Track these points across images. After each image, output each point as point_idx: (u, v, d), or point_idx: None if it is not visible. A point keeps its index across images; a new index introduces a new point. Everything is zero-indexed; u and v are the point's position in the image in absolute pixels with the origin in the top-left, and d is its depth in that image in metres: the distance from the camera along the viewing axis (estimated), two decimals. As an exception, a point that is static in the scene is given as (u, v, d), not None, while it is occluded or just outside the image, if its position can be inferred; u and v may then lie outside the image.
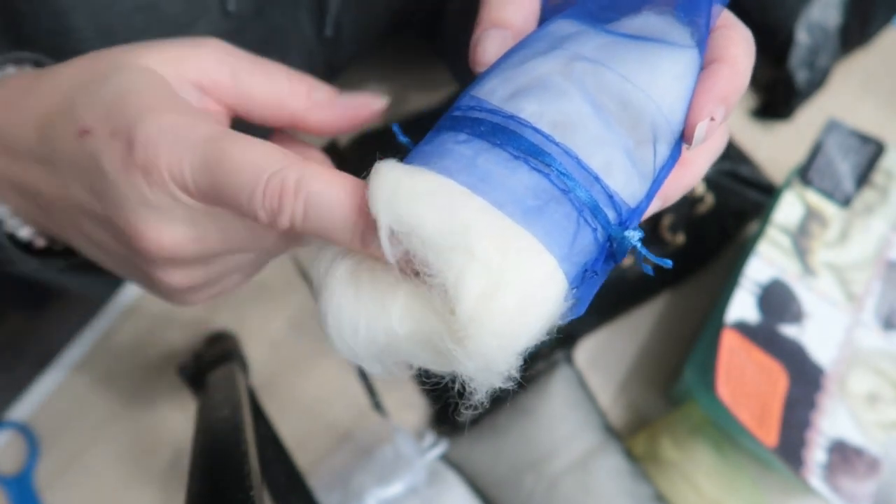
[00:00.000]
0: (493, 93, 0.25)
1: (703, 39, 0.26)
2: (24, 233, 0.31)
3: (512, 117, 0.24)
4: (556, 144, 0.23)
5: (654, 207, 0.27)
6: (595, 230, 0.23)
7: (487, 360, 0.22)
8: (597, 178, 0.24)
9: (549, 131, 0.24)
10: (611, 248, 0.24)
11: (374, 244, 0.22)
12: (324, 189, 0.23)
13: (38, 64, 0.32)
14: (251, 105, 0.30)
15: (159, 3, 0.37)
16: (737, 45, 0.27)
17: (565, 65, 0.25)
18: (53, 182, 0.28)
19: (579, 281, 0.24)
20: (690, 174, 0.28)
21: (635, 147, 0.24)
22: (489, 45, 0.28)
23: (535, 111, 0.24)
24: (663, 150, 0.25)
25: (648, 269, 0.25)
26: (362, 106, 0.31)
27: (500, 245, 0.21)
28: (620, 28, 0.26)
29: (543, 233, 0.22)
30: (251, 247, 0.27)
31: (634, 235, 0.24)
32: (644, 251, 0.24)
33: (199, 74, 0.28)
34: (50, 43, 0.36)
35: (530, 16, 0.29)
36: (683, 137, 0.26)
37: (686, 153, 0.28)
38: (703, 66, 0.26)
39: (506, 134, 0.24)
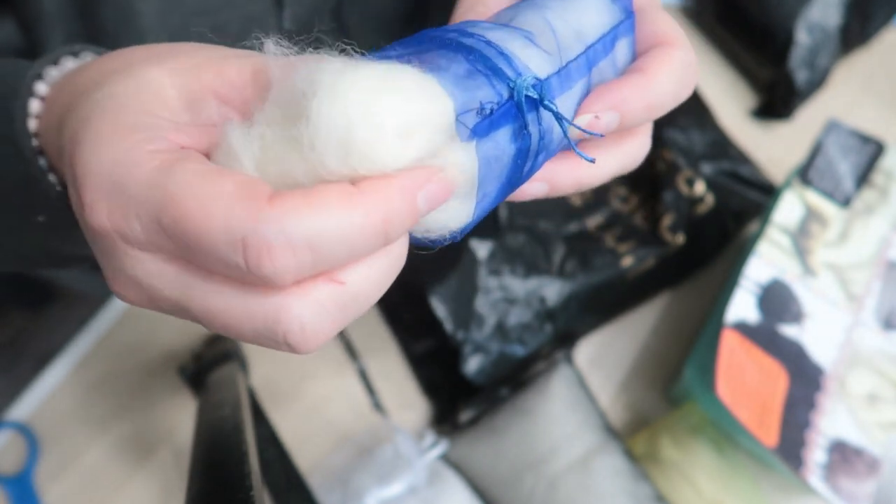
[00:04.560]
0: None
1: None
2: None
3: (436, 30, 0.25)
4: (455, 30, 0.25)
5: (605, 118, 0.26)
6: (487, 76, 0.23)
7: (340, 129, 0.19)
8: (488, 42, 0.24)
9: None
10: (516, 104, 0.23)
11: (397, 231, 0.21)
12: (319, 220, 0.19)
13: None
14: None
15: (227, 23, 0.39)
16: (667, 64, 0.27)
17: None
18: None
19: (480, 125, 0.22)
20: (650, 87, 0.27)
21: (537, 38, 0.26)
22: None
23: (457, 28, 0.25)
24: (573, 47, 0.26)
25: (585, 156, 0.25)
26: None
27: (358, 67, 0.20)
28: None
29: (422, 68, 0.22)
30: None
31: (528, 79, 0.23)
32: (553, 110, 0.24)
33: (213, 80, 0.24)
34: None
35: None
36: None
37: (644, 65, 0.27)
38: (631, 69, 0.28)
39: (427, 40, 0.24)
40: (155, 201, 0.20)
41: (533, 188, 0.27)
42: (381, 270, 0.22)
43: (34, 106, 0.27)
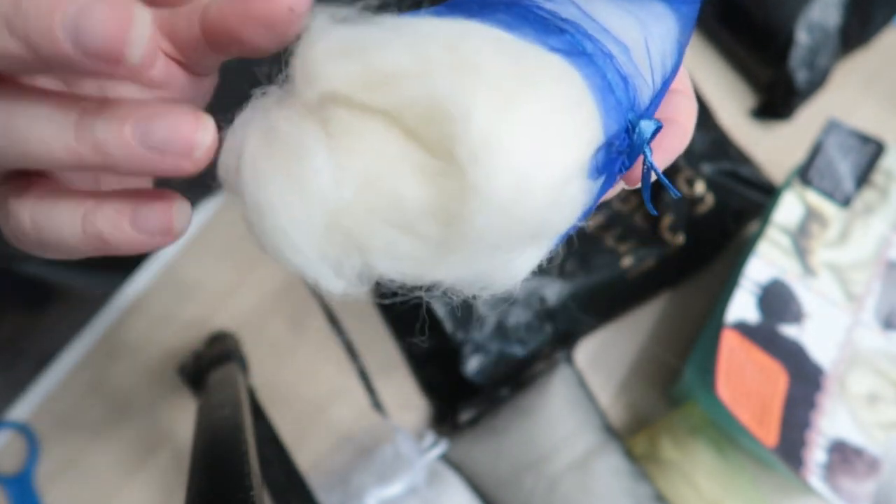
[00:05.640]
0: None
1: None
2: None
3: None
4: (584, 12, 0.20)
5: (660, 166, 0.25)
6: (620, 102, 0.20)
7: (507, 204, 0.16)
8: (619, 54, 0.20)
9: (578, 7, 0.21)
10: (628, 136, 0.20)
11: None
12: None
13: None
14: None
15: None
16: (687, 113, 0.28)
17: None
18: None
19: (604, 156, 0.19)
20: (686, 137, 0.28)
21: (637, 58, 0.22)
22: None
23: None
24: (658, 73, 0.24)
25: (672, 189, 0.22)
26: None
27: (511, 60, 0.17)
28: None
29: (569, 65, 0.18)
30: None
31: (650, 125, 0.20)
32: (650, 161, 0.21)
33: None
34: None
35: None
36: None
37: (679, 117, 0.27)
38: (667, 118, 0.27)
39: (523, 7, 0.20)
40: None
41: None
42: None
43: None
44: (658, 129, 0.21)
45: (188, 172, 0.19)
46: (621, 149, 0.20)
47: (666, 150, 0.26)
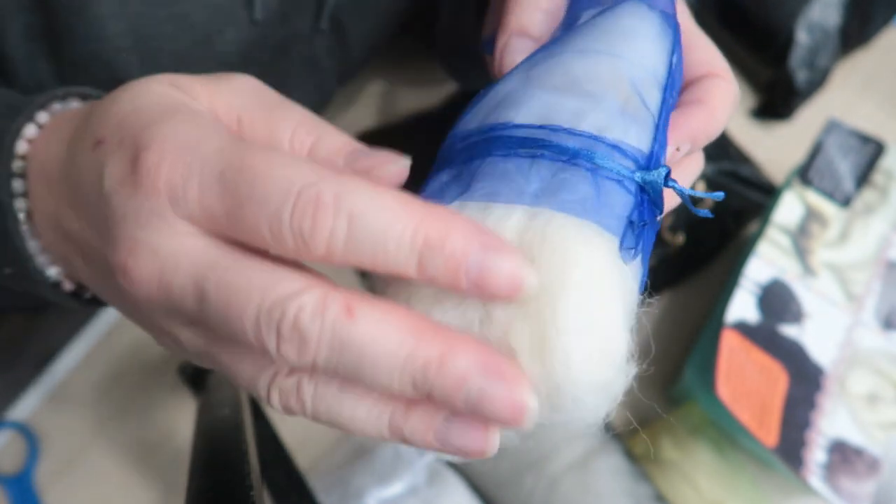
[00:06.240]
0: (472, 120, 0.26)
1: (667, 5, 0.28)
2: (52, 272, 0.29)
3: (492, 128, 0.24)
4: (542, 127, 0.24)
5: (682, 149, 0.27)
6: (619, 181, 0.23)
7: (590, 408, 0.21)
8: (593, 137, 0.23)
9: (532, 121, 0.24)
10: (645, 193, 0.23)
11: (434, 267, 0.19)
12: (370, 203, 0.19)
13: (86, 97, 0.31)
14: None
15: (189, 13, 0.38)
16: (721, 95, 0.28)
17: (526, 74, 0.26)
18: (72, 214, 0.25)
19: (632, 236, 0.23)
20: (714, 121, 0.28)
21: (625, 104, 0.25)
22: (513, 54, 0.29)
23: (511, 116, 0.25)
24: (654, 95, 0.25)
25: (702, 212, 0.25)
26: (379, 166, 0.24)
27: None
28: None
29: (561, 207, 0.22)
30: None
31: (661, 172, 0.23)
32: (675, 184, 0.24)
33: (206, 111, 0.24)
34: (87, 49, 0.36)
35: (552, 21, 0.30)
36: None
37: (709, 99, 0.28)
38: (687, 101, 0.28)
39: (488, 144, 0.24)
40: (224, 157, 0.20)
41: (681, 151, 0.28)
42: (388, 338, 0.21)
43: (16, 165, 0.27)
44: (668, 174, 0.23)
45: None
46: (644, 219, 0.23)
47: (691, 132, 0.27)
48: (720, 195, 0.25)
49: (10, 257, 0.28)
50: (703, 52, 0.30)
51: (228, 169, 0.20)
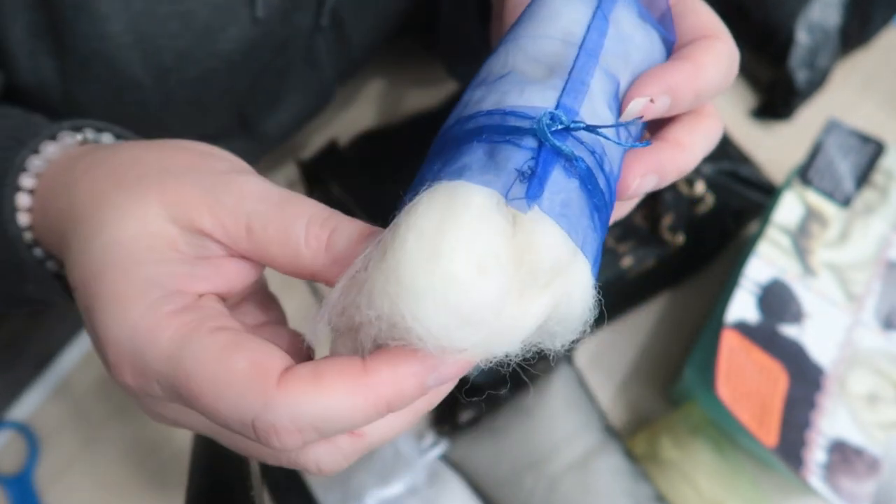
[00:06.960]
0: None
1: None
2: (51, 265, 0.30)
3: (445, 128, 0.26)
4: (458, 121, 0.25)
5: (659, 101, 0.27)
6: (507, 141, 0.23)
7: (439, 327, 0.21)
8: (488, 112, 0.25)
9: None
10: (542, 143, 0.23)
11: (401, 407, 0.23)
12: (327, 408, 0.21)
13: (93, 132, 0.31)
14: (266, 259, 0.25)
15: (192, 10, 0.38)
16: (713, 54, 0.28)
17: (477, 75, 0.28)
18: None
19: (520, 185, 0.22)
20: (684, 156, 0.29)
21: (525, 73, 0.26)
22: None
23: (456, 114, 0.26)
24: (567, 53, 0.26)
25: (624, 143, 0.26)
26: None
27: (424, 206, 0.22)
28: None
29: (445, 177, 0.23)
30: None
31: (544, 117, 0.23)
32: (582, 127, 0.23)
33: (211, 227, 0.24)
34: (89, 47, 0.37)
35: None
36: (620, 108, 0.27)
37: (681, 137, 0.29)
38: (672, 59, 0.28)
39: (442, 140, 0.26)
40: (172, 375, 0.22)
41: (645, 182, 0.28)
42: (400, 423, 0.26)
43: (23, 201, 0.28)
44: (556, 115, 0.23)
45: None
46: (543, 158, 0.23)
47: (668, 85, 0.27)
48: (634, 143, 0.26)
49: (30, 277, 0.30)
50: (701, 16, 0.30)
51: (181, 390, 0.21)
